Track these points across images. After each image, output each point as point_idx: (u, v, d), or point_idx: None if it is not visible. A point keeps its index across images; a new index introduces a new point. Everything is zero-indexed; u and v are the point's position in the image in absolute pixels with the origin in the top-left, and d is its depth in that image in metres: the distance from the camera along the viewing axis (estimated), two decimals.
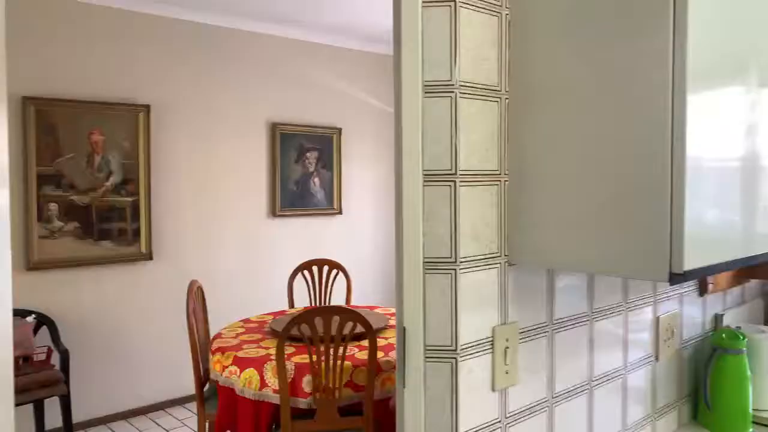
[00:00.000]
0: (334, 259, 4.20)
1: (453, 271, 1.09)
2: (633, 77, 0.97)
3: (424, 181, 1.10)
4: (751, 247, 1.13)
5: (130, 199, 4.11)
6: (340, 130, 5.13)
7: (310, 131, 4.94)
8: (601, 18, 1.02)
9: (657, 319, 1.59)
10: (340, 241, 5.15)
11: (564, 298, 1.30)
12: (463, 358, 1.10)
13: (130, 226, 4.11)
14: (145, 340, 4.25)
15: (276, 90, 4.82)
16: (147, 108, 4.15)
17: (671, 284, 0.95)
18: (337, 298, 4.04)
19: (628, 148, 0.98)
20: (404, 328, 1.10)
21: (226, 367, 2.62)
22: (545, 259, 1.13)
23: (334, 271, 3.94)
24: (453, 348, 1.09)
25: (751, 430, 1.65)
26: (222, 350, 2.74)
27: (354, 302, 4.48)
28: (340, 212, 5.15)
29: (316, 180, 4.98)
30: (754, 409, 1.70)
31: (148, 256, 4.20)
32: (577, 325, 1.34)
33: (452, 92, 1.09)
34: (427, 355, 1.10)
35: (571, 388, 1.33)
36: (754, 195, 1.14)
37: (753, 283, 2.08)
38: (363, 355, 2.59)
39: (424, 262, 1.10)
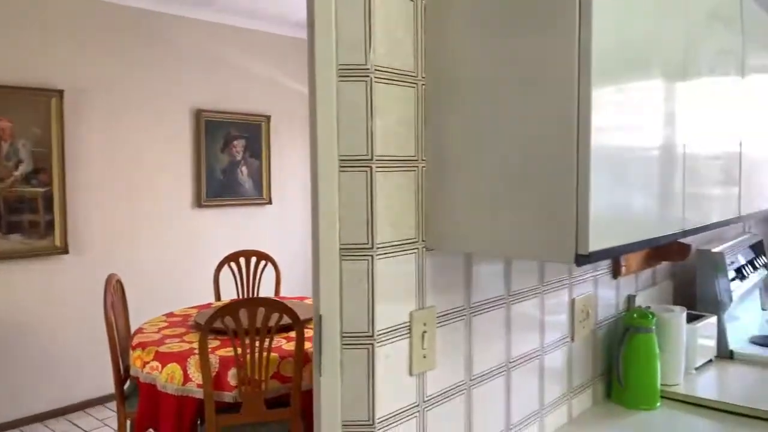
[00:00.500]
0: (264, 250, 4.12)
1: (370, 258, 1.08)
2: (542, 68, 0.99)
3: (340, 167, 1.09)
4: (652, 230, 1.18)
5: (42, 189, 3.88)
6: (268, 117, 5.03)
7: (237, 119, 4.82)
8: (513, 10, 1.03)
9: (572, 301, 1.64)
10: (270, 232, 5.06)
11: (482, 282, 1.32)
12: (380, 344, 1.09)
13: (43, 218, 3.89)
14: (62, 338, 4.05)
15: (201, 76, 4.67)
16: (60, 93, 3.93)
17: (578, 265, 0.98)
18: (266, 290, 3.97)
19: (537, 136, 1.00)
20: (320, 316, 1.09)
21: (147, 362, 2.52)
22: (462, 244, 1.14)
23: (263, 263, 3.88)
24: (370, 334, 1.08)
25: (659, 404, 1.74)
26: (143, 345, 2.64)
27: (284, 294, 4.42)
28: (270, 202, 5.06)
29: (244, 169, 4.87)
30: (662, 384, 1.79)
31: (64, 250, 3.99)
32: (494, 308, 1.36)
33: (367, 76, 1.08)
34: (344, 343, 1.08)
35: (489, 370, 1.35)
36: (655, 181, 1.19)
37: (663, 266, 2.19)
38: (291, 347, 2.56)
39: (340, 249, 1.09)
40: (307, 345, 2.54)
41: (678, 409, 1.73)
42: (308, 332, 2.72)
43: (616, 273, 1.85)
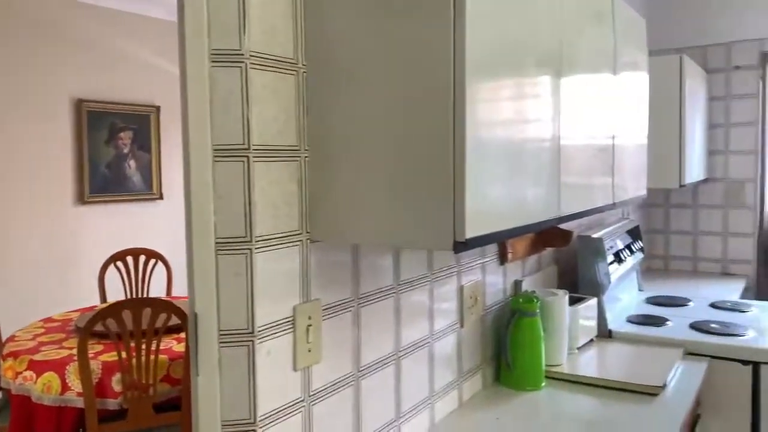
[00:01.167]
0: (155, 247, 3.92)
1: (248, 251, 1.04)
2: (420, 59, 0.99)
3: (215, 157, 1.03)
4: (529, 216, 1.22)
5: None
6: (158, 108, 4.78)
7: (123, 109, 4.54)
8: (392, 2, 1.02)
9: (461, 288, 1.68)
10: (162, 229, 4.82)
11: (370, 272, 1.31)
12: (261, 340, 1.05)
13: None
14: None
15: (82, 64, 4.35)
16: None
17: (455, 252, 0.99)
18: (158, 290, 3.78)
19: (416, 126, 1.01)
20: (195, 314, 1.03)
21: (20, 373, 2.32)
22: (348, 235, 1.12)
23: (153, 261, 3.69)
24: (250, 331, 1.04)
25: (544, 384, 1.82)
26: (15, 355, 2.43)
27: (177, 293, 4.24)
28: (161, 197, 4.82)
29: (132, 163, 4.61)
30: (547, 365, 1.87)
31: None
32: (383, 298, 1.36)
33: (242, 62, 1.03)
34: (222, 341, 1.04)
35: (379, 361, 1.35)
36: (531, 171, 1.23)
37: (548, 252, 2.29)
38: (182, 348, 2.45)
39: (216, 243, 1.03)
40: None
41: (562, 388, 1.82)
42: None
43: (503, 259, 1.91)
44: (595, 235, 2.28)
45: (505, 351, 1.79)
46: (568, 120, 1.46)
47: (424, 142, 1.00)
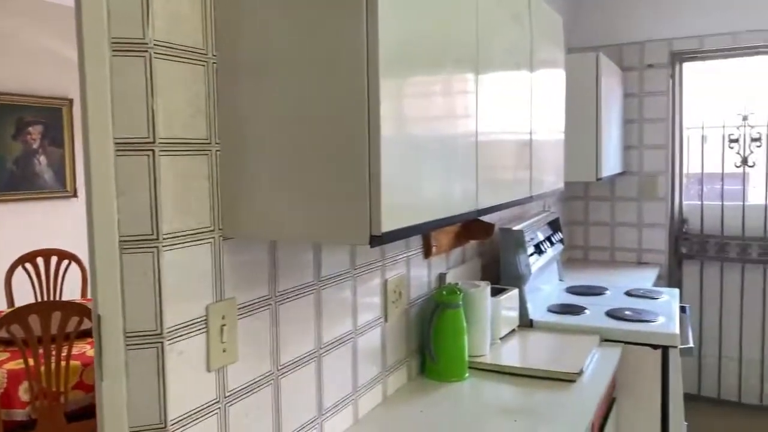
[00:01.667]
0: (69, 248, 3.72)
1: (155, 249, 0.99)
2: (334, 53, 0.98)
3: (117, 151, 0.98)
4: (446, 210, 1.23)
5: None
6: (71, 101, 4.54)
7: (32, 102, 4.27)
8: None
9: (385, 283, 1.68)
10: (77, 227, 4.58)
11: (289, 268, 1.29)
12: (171, 342, 1.01)
13: None
14: None
15: None
16: None
17: (371, 246, 0.98)
18: (72, 293, 3.59)
19: (331, 119, 0.99)
20: (99, 316, 0.98)
21: None
22: (263, 231, 1.09)
23: (66, 262, 3.50)
24: (158, 332, 1.00)
25: (467, 374, 1.84)
26: None
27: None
28: (75, 195, 4.58)
29: (43, 159, 4.35)
30: (470, 356, 1.90)
31: None
32: (303, 295, 1.34)
33: (146, 52, 0.98)
34: (128, 343, 0.99)
35: (299, 358, 1.33)
36: (448, 165, 1.25)
37: (472, 244, 2.32)
38: None
39: (120, 242, 0.98)
40: None
41: (485, 378, 1.85)
42: None
43: (427, 253, 1.93)
44: (516, 228, 2.34)
45: (429, 343, 1.81)
46: (485, 116, 1.48)
47: (339, 136, 0.99)
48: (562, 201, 3.72)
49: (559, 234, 2.88)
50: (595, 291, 2.73)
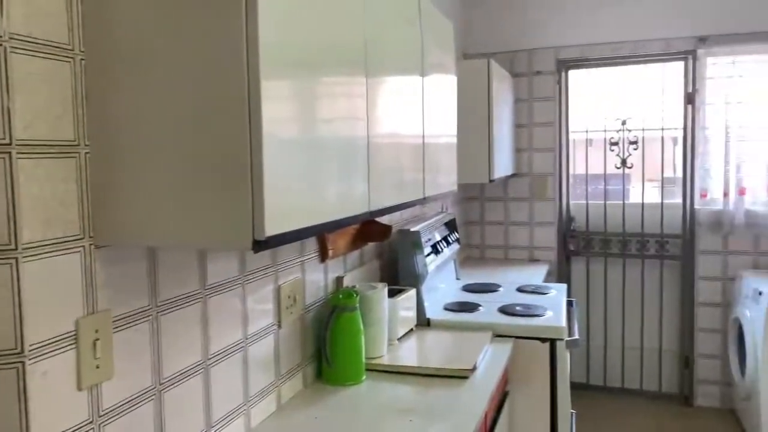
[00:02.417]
0: None
1: (14, 261, 0.91)
2: (212, 56, 0.95)
3: None
4: (336, 212, 1.22)
5: None
6: None
7: None
8: None
9: (278, 288, 1.64)
10: None
11: (171, 277, 1.23)
12: (33, 361, 0.93)
13: None
14: None
15: None
16: None
17: (255, 251, 0.95)
18: None
19: (211, 122, 0.96)
20: None
21: None
22: (141, 237, 1.03)
23: None
24: (18, 351, 0.92)
25: (364, 377, 1.84)
26: None
27: None
28: None
29: None
30: (367, 358, 1.91)
31: None
32: (188, 304, 1.28)
33: (0, 45, 0.90)
34: None
35: (184, 370, 1.27)
36: (337, 167, 1.24)
37: (370, 246, 2.33)
38: None
39: None
40: None
41: (382, 379, 1.86)
42: None
43: (323, 257, 1.91)
44: (413, 229, 2.37)
45: (325, 348, 1.79)
46: (377, 118, 1.49)
47: (219, 139, 0.95)
48: (460, 202, 3.83)
49: (456, 234, 2.95)
50: (489, 288, 2.83)
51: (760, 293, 3.02)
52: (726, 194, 3.46)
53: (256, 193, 0.95)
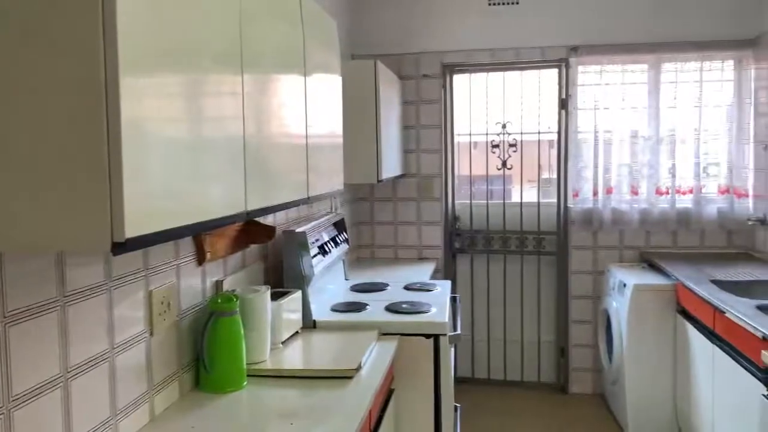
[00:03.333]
0: None
1: None
2: (69, 45, 0.89)
3: None
4: (206, 213, 1.17)
5: None
6: None
7: None
8: None
9: (150, 294, 1.56)
10: None
11: (22, 283, 1.12)
12: None
13: None
14: None
15: None
16: None
17: (114, 254, 0.90)
18: None
19: (65, 119, 0.90)
20: None
21: None
22: None
23: None
24: None
25: (245, 382, 1.79)
26: None
27: None
28: None
29: None
30: (249, 363, 1.85)
31: None
32: (43, 313, 1.18)
33: None
34: None
35: (40, 385, 1.17)
36: (208, 167, 1.19)
37: (254, 248, 2.27)
38: None
39: None
40: None
41: (265, 384, 1.82)
42: None
43: (201, 260, 1.83)
44: (298, 230, 2.34)
45: (203, 354, 1.72)
46: (254, 117, 1.45)
47: (75, 136, 0.89)
48: (350, 202, 3.84)
49: (345, 234, 2.95)
50: (377, 287, 2.86)
51: (624, 285, 3.28)
52: (595, 193, 3.72)
53: (115, 192, 0.90)
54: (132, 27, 0.92)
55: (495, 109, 3.95)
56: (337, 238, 2.82)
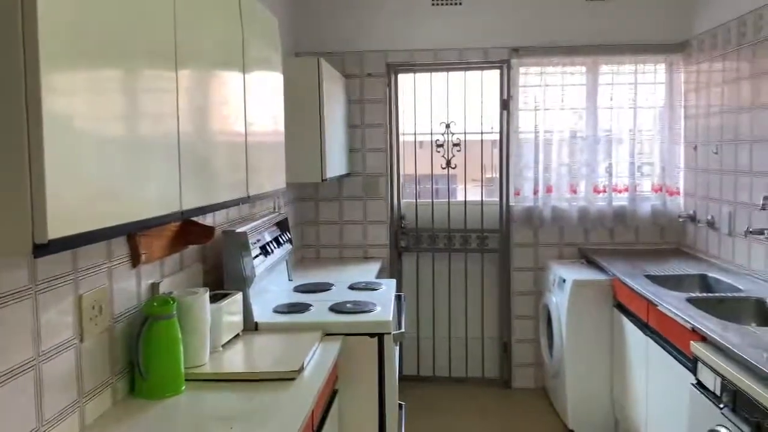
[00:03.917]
0: None
1: None
2: None
3: None
4: (136, 213, 1.14)
5: None
6: None
7: None
8: None
9: (80, 298, 1.49)
10: None
11: None
12: None
13: None
14: None
15: None
16: None
17: (36, 257, 0.87)
18: None
19: None
20: None
21: None
22: None
23: None
24: None
25: (184, 387, 1.74)
26: None
27: None
28: None
29: None
30: (188, 367, 1.80)
31: None
32: None
33: None
34: None
35: None
36: (137, 165, 1.16)
37: (192, 249, 2.21)
38: None
39: None
40: None
41: (204, 388, 1.77)
42: None
43: (135, 262, 1.77)
44: (239, 230, 2.29)
45: (138, 360, 1.66)
46: (190, 114, 1.41)
47: None
48: (295, 202, 3.80)
49: (288, 234, 2.92)
50: (321, 288, 2.83)
51: (564, 281, 3.36)
52: (536, 192, 3.80)
53: (36, 191, 0.87)
54: (55, 19, 0.89)
55: (439, 109, 3.98)
56: (280, 238, 2.78)
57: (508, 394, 3.90)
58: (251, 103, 1.88)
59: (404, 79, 4.01)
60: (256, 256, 2.36)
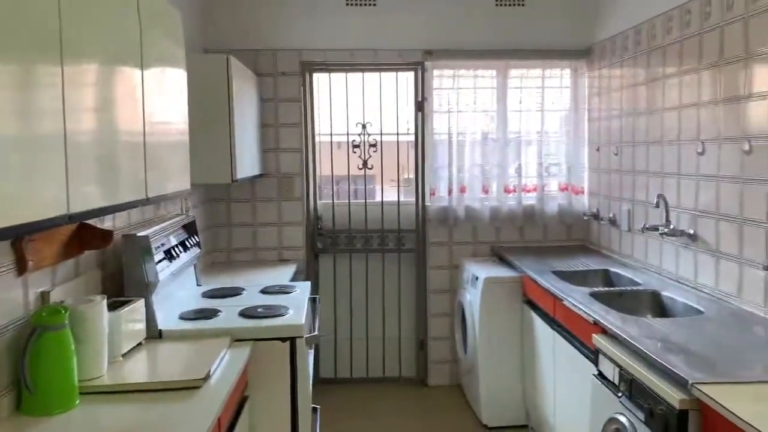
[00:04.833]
0: None
1: None
2: None
3: None
4: (12, 217, 1.05)
5: None
6: None
7: None
8: None
9: None
10: None
11: None
12: None
13: None
14: None
15: None
16: None
17: None
18: None
19: None
20: None
21: None
22: None
23: None
24: None
25: (78, 401, 1.63)
26: None
27: None
28: None
29: None
30: (83, 380, 1.69)
31: None
32: None
33: None
34: None
35: None
36: (14, 164, 1.07)
37: (89, 255, 2.08)
38: None
39: None
40: None
41: (101, 402, 1.67)
42: None
43: (21, 269, 1.64)
44: (140, 234, 2.18)
45: (24, 374, 1.54)
46: (78, 111, 1.33)
47: None
48: (205, 203, 3.67)
49: (196, 237, 2.81)
50: (231, 292, 2.75)
51: (477, 278, 3.44)
52: (450, 192, 3.87)
53: None
54: None
55: (355, 110, 3.98)
56: (186, 242, 2.67)
57: (425, 392, 3.94)
58: (150, 100, 1.79)
59: (319, 79, 3.97)
60: (160, 261, 2.26)
